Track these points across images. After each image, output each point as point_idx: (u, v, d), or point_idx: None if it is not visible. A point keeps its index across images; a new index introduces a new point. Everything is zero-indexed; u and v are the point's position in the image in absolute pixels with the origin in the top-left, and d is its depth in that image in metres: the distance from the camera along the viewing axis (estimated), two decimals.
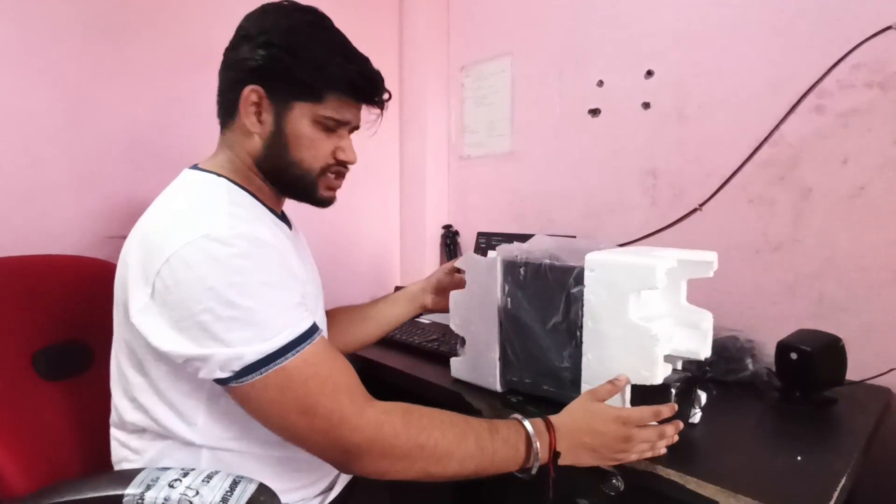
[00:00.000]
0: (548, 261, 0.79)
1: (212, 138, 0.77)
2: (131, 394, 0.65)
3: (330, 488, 0.76)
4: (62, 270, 0.85)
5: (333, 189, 0.77)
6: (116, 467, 0.68)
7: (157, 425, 0.64)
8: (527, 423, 0.66)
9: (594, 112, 1.35)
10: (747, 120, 1.09)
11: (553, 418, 0.68)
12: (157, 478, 0.58)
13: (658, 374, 0.68)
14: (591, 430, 0.67)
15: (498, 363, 0.88)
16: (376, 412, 0.59)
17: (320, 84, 0.68)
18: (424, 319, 1.37)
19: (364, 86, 0.71)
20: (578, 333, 0.76)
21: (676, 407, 0.69)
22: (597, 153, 1.35)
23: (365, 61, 0.72)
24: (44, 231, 1.01)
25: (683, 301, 0.77)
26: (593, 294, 0.73)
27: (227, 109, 0.72)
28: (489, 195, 1.62)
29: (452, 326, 0.93)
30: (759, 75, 1.07)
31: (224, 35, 0.74)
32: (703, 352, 0.72)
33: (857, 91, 0.96)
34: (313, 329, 0.61)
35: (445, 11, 1.69)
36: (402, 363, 1.07)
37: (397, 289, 1.53)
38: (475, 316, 0.90)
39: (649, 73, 1.24)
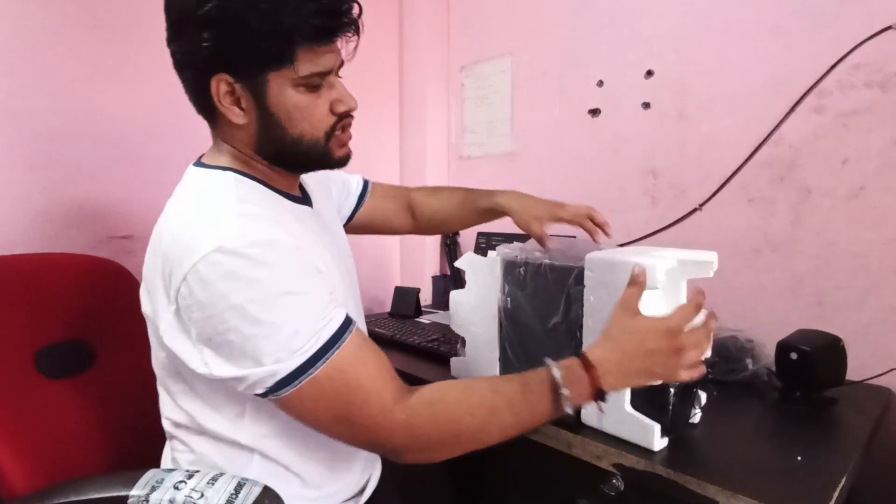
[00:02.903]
0: (548, 261, 0.79)
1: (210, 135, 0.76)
2: (174, 397, 0.66)
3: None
4: (63, 269, 0.85)
5: (346, 143, 0.70)
6: (164, 464, 0.69)
7: (203, 427, 0.64)
8: (556, 373, 0.60)
9: (594, 112, 1.35)
10: (747, 120, 1.09)
11: (594, 353, 0.61)
12: (163, 479, 0.58)
13: None
14: (643, 352, 0.61)
15: (498, 363, 0.88)
16: (405, 413, 0.58)
17: (284, 44, 0.58)
18: (424, 319, 1.37)
19: (329, 21, 0.59)
20: (578, 333, 0.76)
21: (704, 292, 0.64)
22: (597, 153, 1.35)
23: None
24: (44, 231, 1.02)
25: (683, 301, 0.77)
26: (593, 294, 0.73)
27: (205, 107, 0.64)
28: None
29: (452, 326, 0.94)
30: (759, 75, 1.07)
31: None
32: None
33: (857, 91, 0.96)
34: (342, 329, 0.59)
35: (445, 11, 1.68)
36: (402, 363, 1.07)
37: (397, 289, 1.53)
38: (475, 316, 0.90)
39: (649, 73, 1.24)
